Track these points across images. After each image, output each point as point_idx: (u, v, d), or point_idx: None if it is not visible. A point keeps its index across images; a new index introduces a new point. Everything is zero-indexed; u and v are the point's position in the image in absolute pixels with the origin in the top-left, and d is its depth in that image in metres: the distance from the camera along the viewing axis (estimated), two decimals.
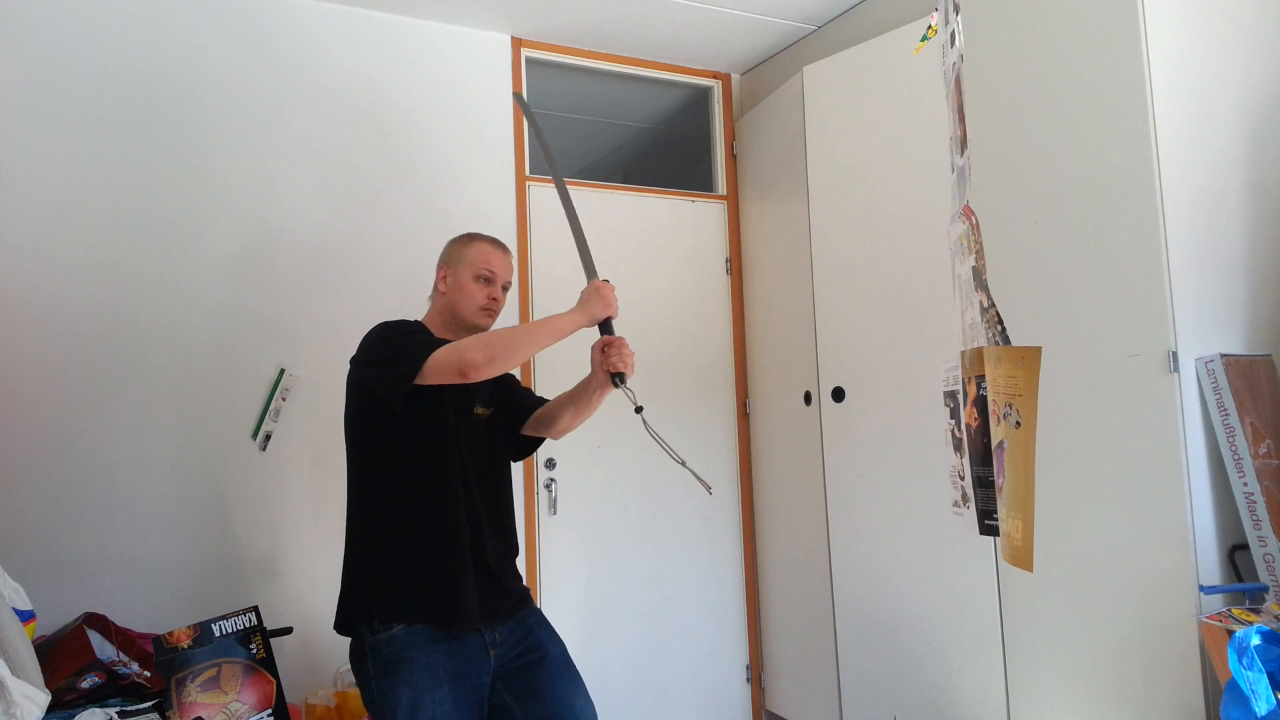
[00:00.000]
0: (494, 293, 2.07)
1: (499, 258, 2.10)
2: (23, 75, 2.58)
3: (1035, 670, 2.39)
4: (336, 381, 2.90)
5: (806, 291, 3.13)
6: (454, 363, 1.78)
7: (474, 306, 2.05)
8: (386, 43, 3.09)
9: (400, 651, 1.84)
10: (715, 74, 3.73)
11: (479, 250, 2.08)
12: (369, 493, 1.97)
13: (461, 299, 2.05)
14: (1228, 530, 2.08)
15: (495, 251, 2.10)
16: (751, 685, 3.51)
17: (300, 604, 2.77)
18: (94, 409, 2.58)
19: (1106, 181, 2.21)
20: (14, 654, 1.72)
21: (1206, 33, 2.27)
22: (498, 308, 2.09)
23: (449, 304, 2.07)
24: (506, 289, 2.12)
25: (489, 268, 2.06)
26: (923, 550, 2.71)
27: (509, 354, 1.81)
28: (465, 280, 2.05)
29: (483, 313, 2.06)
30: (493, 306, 2.07)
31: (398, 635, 1.85)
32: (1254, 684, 1.65)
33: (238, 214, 2.82)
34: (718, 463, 3.56)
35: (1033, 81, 2.41)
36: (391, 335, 1.92)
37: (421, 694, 1.81)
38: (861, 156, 2.97)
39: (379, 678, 1.86)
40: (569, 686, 1.96)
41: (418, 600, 1.87)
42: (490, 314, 2.08)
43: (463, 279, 2.05)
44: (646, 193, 3.56)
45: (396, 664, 1.83)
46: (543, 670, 1.95)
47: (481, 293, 2.05)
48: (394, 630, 1.86)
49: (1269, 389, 2.17)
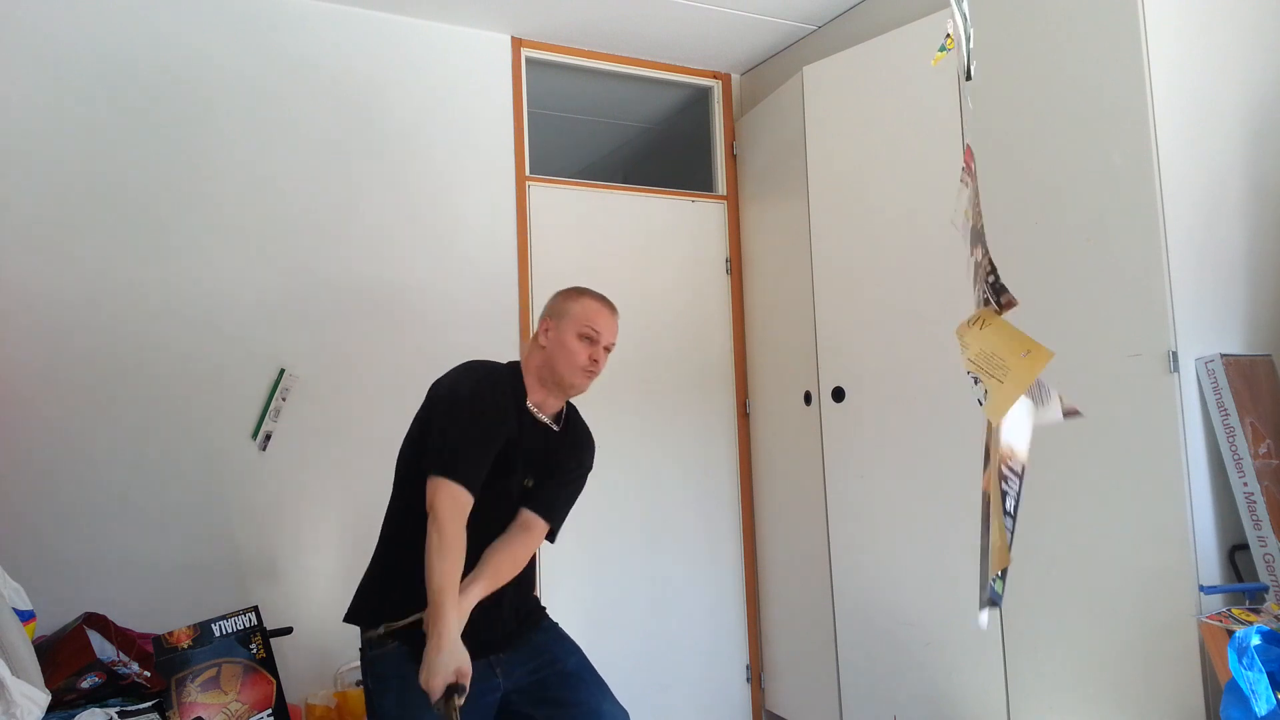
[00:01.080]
0: (596, 354, 1.98)
1: (605, 318, 2.01)
2: (21, 75, 2.58)
3: (1035, 670, 2.39)
4: (337, 382, 2.92)
5: (806, 291, 3.13)
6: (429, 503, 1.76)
7: (574, 366, 1.96)
8: (387, 43, 3.09)
9: (395, 668, 1.82)
10: (715, 74, 3.73)
11: (586, 307, 2.00)
12: (405, 518, 1.92)
13: (561, 356, 1.96)
14: (1228, 530, 2.08)
15: (603, 310, 2.02)
16: (751, 685, 3.51)
17: (300, 604, 2.77)
18: (94, 409, 2.58)
19: (1107, 182, 2.21)
20: (14, 654, 1.72)
21: (1206, 33, 2.27)
22: (598, 370, 2.00)
23: (549, 359, 1.98)
24: (609, 350, 2.03)
25: (594, 327, 1.98)
26: (923, 550, 2.71)
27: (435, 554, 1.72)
28: (568, 338, 1.97)
29: (583, 373, 1.97)
30: (593, 369, 1.98)
31: (392, 653, 1.83)
32: (1254, 684, 1.65)
33: (237, 214, 2.82)
34: (718, 463, 3.56)
35: (1033, 82, 2.41)
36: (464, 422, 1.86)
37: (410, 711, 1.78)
38: (861, 156, 2.97)
39: (376, 692, 1.86)
40: (592, 692, 1.94)
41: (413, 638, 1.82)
42: (590, 375, 1.99)
43: (565, 336, 1.97)
44: (646, 193, 3.56)
45: (390, 679, 1.83)
46: (563, 680, 1.93)
47: (584, 352, 1.96)
48: (389, 647, 1.84)
49: (1269, 389, 2.17)
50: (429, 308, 3.08)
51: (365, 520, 2.90)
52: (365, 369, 2.95)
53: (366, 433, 2.93)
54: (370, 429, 2.93)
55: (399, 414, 2.95)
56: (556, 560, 3.16)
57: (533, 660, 1.94)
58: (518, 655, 1.94)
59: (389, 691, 1.83)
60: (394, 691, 1.82)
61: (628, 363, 3.26)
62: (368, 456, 2.92)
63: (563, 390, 2.00)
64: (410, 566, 1.83)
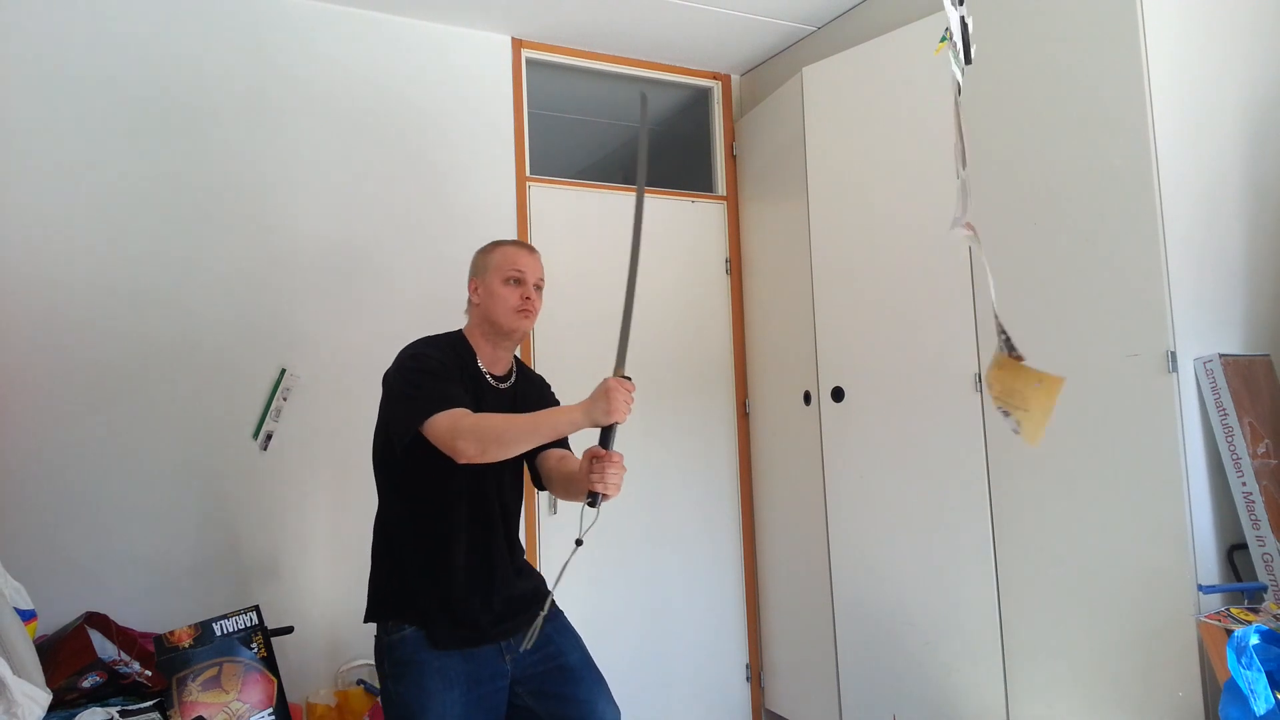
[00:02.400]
0: (526, 292, 2.03)
1: (525, 257, 2.06)
2: (26, 84, 2.58)
3: (1034, 670, 2.40)
4: (337, 382, 2.92)
5: (806, 291, 3.13)
6: (446, 440, 1.77)
7: (508, 309, 2.01)
8: (387, 44, 3.09)
9: (413, 653, 1.85)
10: (715, 74, 3.73)
11: (503, 253, 2.06)
12: (393, 502, 1.98)
13: (494, 305, 2.02)
14: (1226, 530, 2.09)
15: (520, 252, 2.07)
16: (751, 685, 3.51)
17: (301, 603, 2.77)
18: (96, 409, 2.58)
19: (1106, 182, 2.22)
20: (15, 653, 1.72)
21: (1205, 34, 2.27)
22: (533, 307, 2.04)
23: (484, 313, 2.04)
24: (539, 288, 2.08)
25: (516, 268, 2.03)
26: (923, 550, 2.72)
27: (501, 448, 1.77)
28: (495, 286, 2.02)
29: (518, 314, 2.01)
30: (527, 306, 2.02)
31: (409, 637, 1.86)
32: (1253, 683, 1.66)
33: (238, 214, 2.82)
34: (718, 463, 3.57)
35: (1032, 83, 2.41)
36: (415, 372, 1.90)
37: (432, 697, 1.81)
38: (861, 157, 2.97)
39: (392, 678, 1.87)
40: (591, 690, 1.97)
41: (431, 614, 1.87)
42: (526, 314, 2.03)
43: (493, 285, 2.03)
44: (646, 193, 3.54)
45: (409, 665, 1.84)
46: (564, 675, 1.96)
47: (514, 294, 2.01)
48: (406, 632, 1.86)
49: (1268, 389, 2.18)
50: (429, 308, 3.07)
51: (366, 520, 2.90)
52: (366, 369, 2.94)
53: (367, 433, 2.90)
54: (371, 429, 2.92)
55: None
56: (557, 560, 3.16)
57: (538, 651, 1.95)
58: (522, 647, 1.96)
59: (406, 676, 1.84)
60: (412, 676, 1.83)
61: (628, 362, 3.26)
62: (368, 456, 2.92)
63: (505, 337, 2.03)
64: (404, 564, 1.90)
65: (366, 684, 2.63)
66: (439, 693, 1.81)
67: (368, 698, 2.57)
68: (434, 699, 1.81)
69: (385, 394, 1.98)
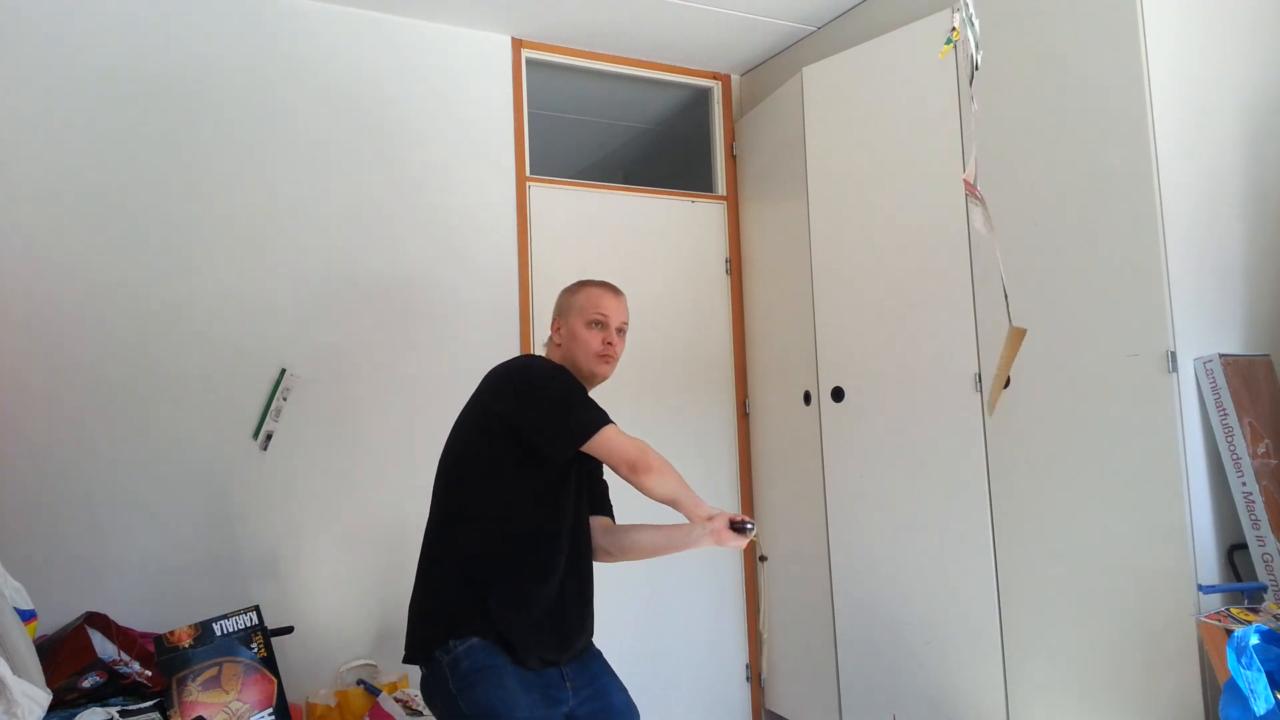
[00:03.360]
0: (609, 337, 1.99)
1: (610, 300, 2.02)
2: (23, 76, 2.58)
3: (1035, 669, 2.40)
4: (337, 382, 2.92)
5: (806, 291, 3.13)
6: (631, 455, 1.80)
7: (590, 353, 1.97)
8: (387, 44, 3.09)
9: (486, 660, 1.77)
10: (715, 75, 3.73)
11: (588, 295, 2.02)
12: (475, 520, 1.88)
13: (576, 348, 1.98)
14: (1226, 530, 2.09)
15: (605, 294, 2.03)
16: (751, 685, 3.51)
17: (301, 603, 2.77)
18: (95, 408, 2.58)
19: (1105, 182, 2.22)
20: (15, 653, 1.72)
21: (1205, 34, 2.27)
22: (614, 352, 2.00)
23: (567, 354, 2.00)
24: (623, 332, 2.04)
25: (600, 312, 1.99)
26: (923, 550, 2.72)
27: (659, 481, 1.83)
28: (578, 329, 1.98)
29: (599, 359, 1.98)
30: (609, 352, 1.99)
31: (478, 646, 1.78)
32: (1253, 683, 1.66)
33: (238, 214, 2.82)
34: (718, 463, 3.57)
35: (1032, 82, 2.42)
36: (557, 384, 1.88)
37: (516, 695, 1.75)
38: (861, 157, 2.97)
39: (465, 691, 1.76)
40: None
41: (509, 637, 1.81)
42: (607, 360, 1.99)
43: (575, 327, 1.99)
44: (646, 193, 3.56)
45: (483, 671, 1.76)
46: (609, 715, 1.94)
47: (596, 339, 1.98)
48: (474, 641, 1.79)
49: (1267, 389, 2.18)
50: (429, 308, 3.08)
51: (366, 520, 2.92)
52: (366, 369, 2.95)
53: (367, 432, 2.93)
54: (371, 429, 2.94)
55: (400, 413, 2.99)
56: None
57: (589, 687, 1.94)
58: (582, 677, 1.93)
59: (477, 687, 1.76)
60: (482, 685, 1.76)
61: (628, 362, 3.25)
62: (368, 456, 2.93)
63: (587, 381, 2.00)
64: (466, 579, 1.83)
65: (366, 684, 2.63)
66: (521, 692, 1.75)
67: (368, 698, 2.57)
68: (518, 696, 1.75)
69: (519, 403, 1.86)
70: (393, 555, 2.88)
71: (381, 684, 2.64)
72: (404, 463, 2.94)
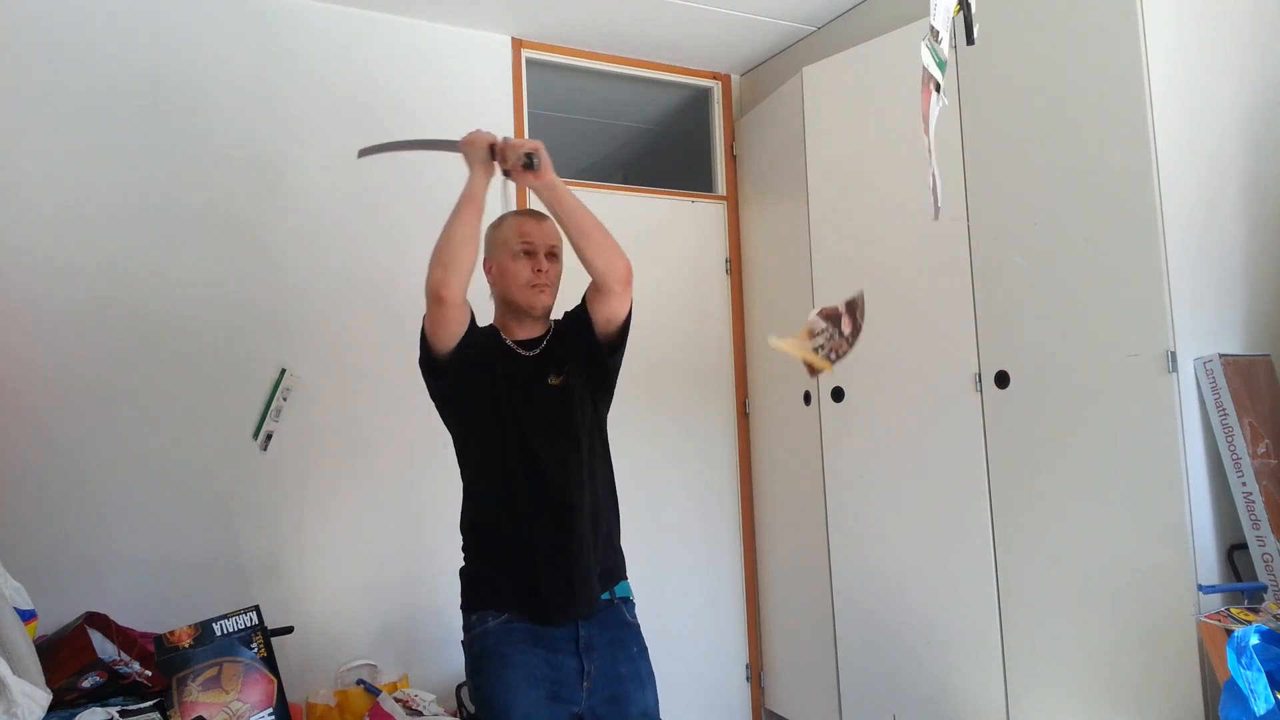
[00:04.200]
0: (538, 264, 1.88)
1: (532, 224, 1.91)
2: (22, 75, 2.58)
3: (1035, 669, 2.40)
4: (337, 382, 2.92)
5: (806, 291, 3.13)
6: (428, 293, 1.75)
7: (520, 284, 1.87)
8: (387, 44, 3.09)
9: (494, 645, 1.76)
10: (715, 74, 3.73)
11: (510, 225, 1.93)
12: (465, 484, 1.92)
13: (508, 283, 1.89)
14: (1226, 530, 2.09)
15: (526, 220, 1.93)
16: (751, 685, 3.51)
17: (301, 603, 2.77)
18: (95, 409, 2.58)
19: (1105, 182, 2.22)
20: (15, 653, 1.72)
21: (1205, 34, 2.27)
22: (547, 279, 1.89)
23: (501, 292, 1.92)
24: (553, 256, 1.92)
25: (525, 240, 1.89)
26: (923, 550, 2.72)
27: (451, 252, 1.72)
28: (507, 263, 1.89)
29: (533, 289, 1.87)
30: (541, 280, 1.88)
31: (492, 629, 1.78)
32: (1253, 683, 1.66)
33: (238, 214, 2.82)
34: (718, 463, 3.56)
35: (1032, 82, 2.41)
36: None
37: (516, 691, 1.73)
38: (861, 157, 2.97)
39: (474, 673, 1.80)
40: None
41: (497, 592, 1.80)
42: (541, 289, 1.89)
43: (504, 262, 1.89)
44: (646, 193, 3.56)
45: (489, 658, 1.77)
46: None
47: (526, 268, 1.87)
48: (489, 624, 1.79)
49: (1267, 389, 2.18)
50: None
51: (366, 519, 2.92)
52: (366, 369, 2.95)
53: (367, 432, 2.93)
54: (371, 429, 2.94)
55: (400, 413, 2.98)
56: None
57: (607, 690, 1.83)
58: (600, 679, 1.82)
59: (485, 669, 1.76)
60: (490, 667, 1.76)
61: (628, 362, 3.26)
62: (368, 456, 2.93)
63: (526, 313, 1.90)
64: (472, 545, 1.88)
65: (366, 684, 2.63)
66: (523, 689, 1.72)
67: (368, 698, 2.57)
68: (518, 693, 1.72)
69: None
70: (393, 555, 2.88)
71: (381, 684, 2.65)
72: (404, 462, 2.94)
